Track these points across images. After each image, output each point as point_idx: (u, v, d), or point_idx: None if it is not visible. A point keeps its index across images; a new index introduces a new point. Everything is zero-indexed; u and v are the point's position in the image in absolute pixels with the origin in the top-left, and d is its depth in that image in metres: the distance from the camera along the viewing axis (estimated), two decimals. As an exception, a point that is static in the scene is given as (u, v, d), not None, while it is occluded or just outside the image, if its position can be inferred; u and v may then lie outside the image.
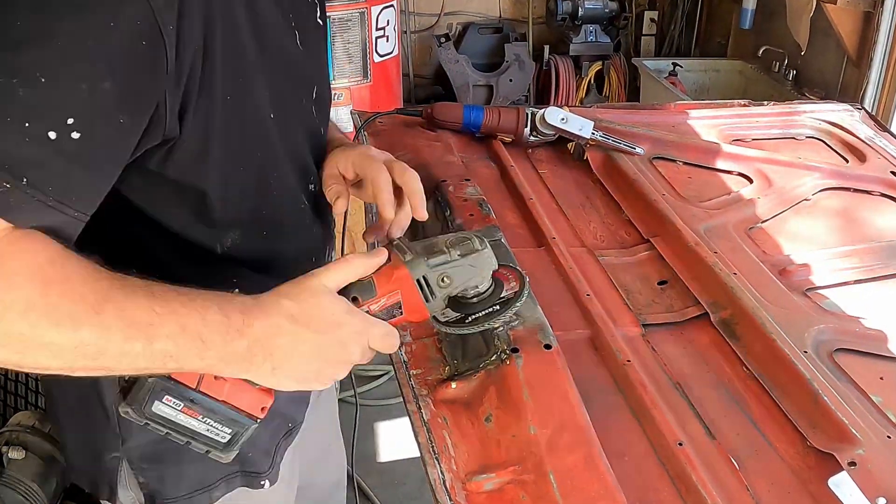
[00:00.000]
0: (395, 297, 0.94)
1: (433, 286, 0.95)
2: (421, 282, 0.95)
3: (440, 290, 0.96)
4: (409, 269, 0.95)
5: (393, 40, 3.62)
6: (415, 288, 0.95)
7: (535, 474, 0.94)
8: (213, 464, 1.06)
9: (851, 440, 1.02)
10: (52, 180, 0.74)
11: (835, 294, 1.36)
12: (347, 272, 0.93)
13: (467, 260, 0.96)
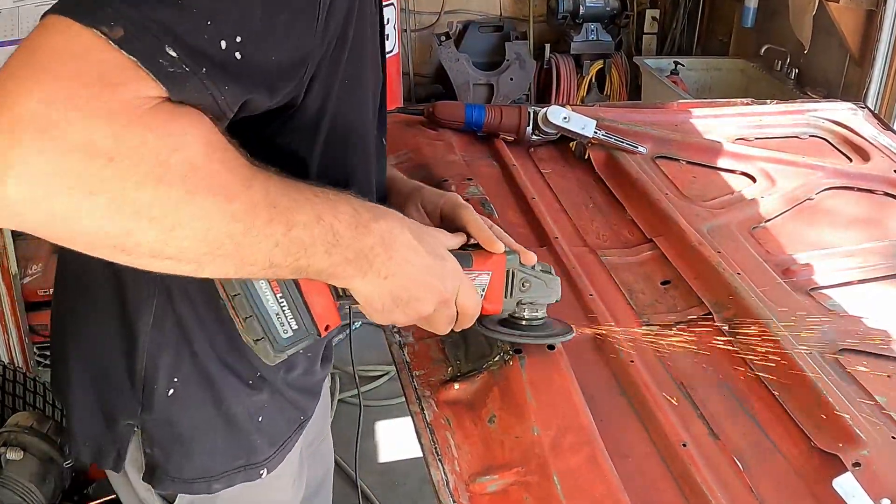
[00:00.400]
0: (484, 277, 0.99)
1: (515, 284, 1.02)
2: (509, 274, 1.01)
3: (518, 293, 1.02)
4: (507, 257, 1.00)
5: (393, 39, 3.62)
6: (503, 277, 1.00)
7: (538, 475, 0.94)
8: (221, 456, 1.08)
9: (856, 441, 1.02)
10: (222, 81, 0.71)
11: (839, 294, 1.36)
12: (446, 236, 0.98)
13: (546, 278, 1.04)
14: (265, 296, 0.85)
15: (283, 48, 0.77)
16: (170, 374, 1.02)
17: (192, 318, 0.99)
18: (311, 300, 0.87)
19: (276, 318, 0.86)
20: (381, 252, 0.84)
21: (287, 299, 0.86)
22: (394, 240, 0.85)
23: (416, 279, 0.88)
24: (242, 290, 0.84)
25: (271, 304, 0.85)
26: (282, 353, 0.88)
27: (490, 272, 0.99)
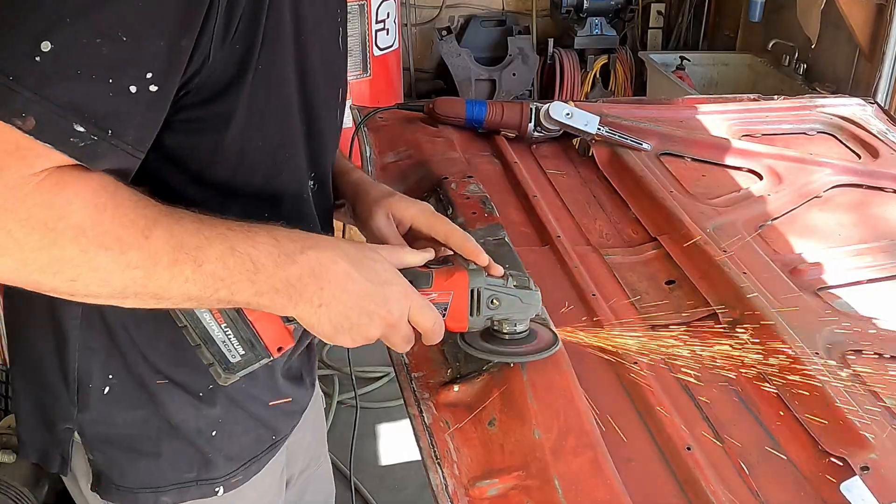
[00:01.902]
0: (445, 297, 0.98)
1: (482, 303, 0.99)
2: (474, 293, 0.99)
3: (487, 310, 1.00)
4: (469, 276, 0.99)
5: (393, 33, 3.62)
6: (467, 295, 0.99)
7: (539, 480, 0.93)
8: (168, 466, 1.08)
9: (864, 444, 1.02)
10: (132, 130, 0.79)
11: (847, 294, 1.36)
12: (403, 255, 0.98)
13: (520, 293, 1.01)
14: (209, 325, 0.90)
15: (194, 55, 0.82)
16: (103, 373, 1.03)
17: (122, 330, 1.01)
18: (258, 326, 0.92)
19: (224, 345, 0.91)
20: (311, 282, 0.87)
21: (232, 327, 0.91)
22: (325, 270, 0.88)
23: (355, 307, 0.90)
24: (187, 321, 0.90)
25: (216, 332, 0.91)
26: (233, 375, 0.93)
27: (451, 291, 0.98)
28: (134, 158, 0.81)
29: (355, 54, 3.45)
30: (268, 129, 0.97)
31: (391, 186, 1.55)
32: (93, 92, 0.75)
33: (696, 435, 1.06)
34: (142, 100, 0.78)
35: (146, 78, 0.77)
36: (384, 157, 1.68)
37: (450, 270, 0.99)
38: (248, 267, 0.84)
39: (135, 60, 0.76)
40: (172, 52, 0.79)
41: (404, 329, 0.95)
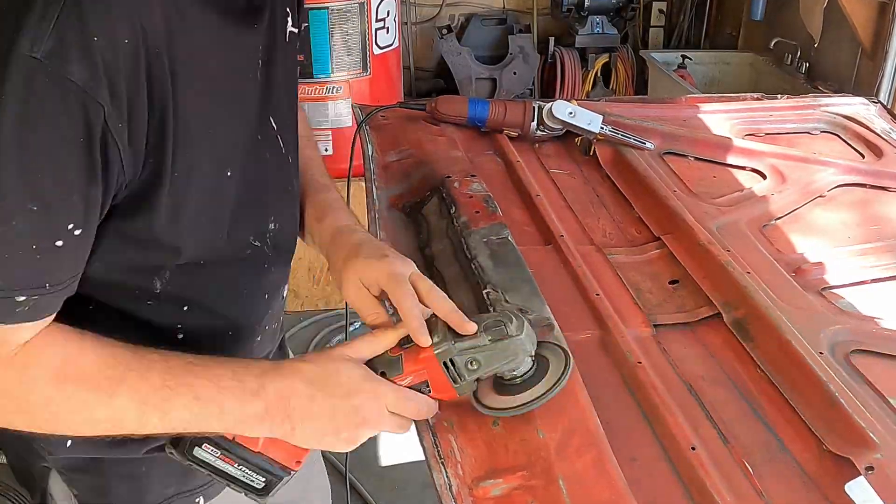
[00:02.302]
0: (421, 377, 0.98)
1: (461, 369, 0.97)
2: (448, 364, 0.97)
3: (469, 374, 0.97)
4: (436, 351, 0.97)
5: (393, 32, 3.62)
6: (441, 370, 0.97)
7: (543, 480, 0.94)
8: (145, 485, 1.14)
9: (869, 444, 1.02)
10: (66, 272, 0.87)
11: (851, 293, 1.36)
12: (373, 345, 1.00)
13: (499, 346, 0.96)
14: (225, 468, 0.98)
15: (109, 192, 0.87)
16: None
17: None
18: (267, 453, 0.98)
19: (245, 478, 0.99)
20: (277, 412, 0.93)
21: (243, 464, 0.98)
22: (286, 400, 0.93)
23: (326, 424, 0.95)
24: (207, 471, 0.98)
25: (233, 471, 0.98)
26: (267, 495, 1.01)
27: (424, 369, 0.98)
28: (73, 285, 0.89)
29: (355, 53, 3.46)
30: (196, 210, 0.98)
31: (393, 186, 1.57)
32: (22, 265, 0.82)
33: (701, 435, 1.06)
34: (69, 246, 0.84)
35: (68, 229, 0.83)
36: (386, 155, 1.68)
37: (417, 349, 0.98)
38: (213, 411, 0.91)
39: (52, 222, 0.82)
40: (87, 200, 0.84)
41: (389, 424, 0.97)
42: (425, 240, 1.43)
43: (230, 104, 1.00)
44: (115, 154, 0.84)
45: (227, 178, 1.01)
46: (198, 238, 1.00)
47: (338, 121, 3.48)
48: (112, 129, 0.82)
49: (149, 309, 1.03)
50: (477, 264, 1.27)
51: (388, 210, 1.52)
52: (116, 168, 0.85)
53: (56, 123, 0.79)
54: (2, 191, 0.78)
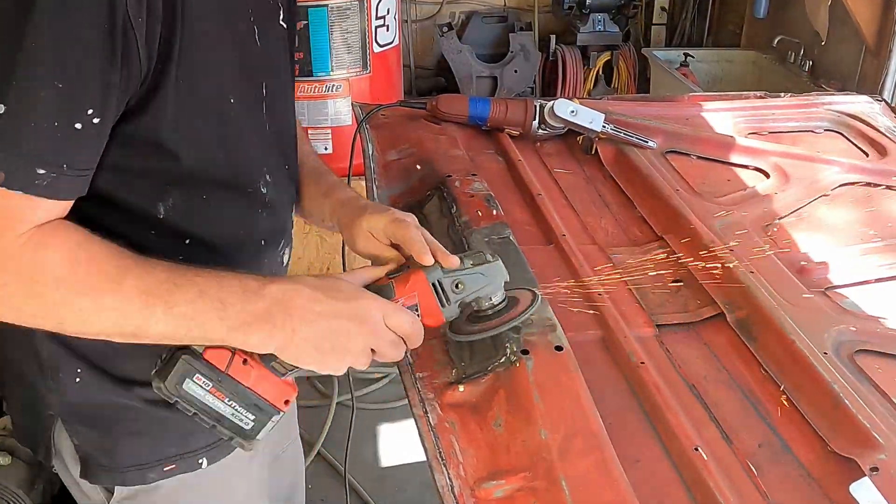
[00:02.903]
0: (412, 300, 1.04)
1: (447, 291, 1.05)
2: (436, 285, 1.04)
3: (454, 296, 1.05)
4: (426, 273, 1.04)
5: (393, 30, 3.61)
6: (430, 291, 1.04)
7: (546, 481, 0.94)
8: (149, 442, 1.16)
9: (873, 445, 1.02)
10: (84, 158, 0.92)
11: (855, 293, 1.36)
12: (367, 272, 1.07)
13: (479, 269, 1.06)
14: (214, 405, 0.99)
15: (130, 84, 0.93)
16: (71, 367, 1.11)
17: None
18: (258, 389, 1.00)
19: (234, 417, 1.00)
20: (279, 311, 0.95)
21: (235, 399, 0.99)
22: (290, 298, 0.96)
23: (329, 325, 0.97)
24: (195, 408, 0.99)
25: (223, 408, 0.99)
26: (253, 440, 1.03)
27: (415, 292, 1.04)
28: (87, 179, 0.94)
29: (355, 51, 3.45)
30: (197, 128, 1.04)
31: (394, 185, 1.57)
32: (44, 139, 0.87)
33: (704, 435, 1.06)
34: (88, 132, 0.90)
35: (88, 114, 0.89)
36: (386, 154, 1.68)
37: (407, 275, 1.05)
38: (216, 306, 0.93)
39: (75, 102, 0.88)
40: (107, 88, 0.89)
41: (386, 334, 1.00)
42: (426, 239, 1.42)
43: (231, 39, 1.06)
44: (133, 46, 0.89)
45: (230, 103, 1.07)
46: (198, 150, 1.05)
47: (337, 119, 3.48)
48: (132, 20, 0.88)
49: (152, 239, 1.05)
50: (478, 264, 1.26)
51: (389, 209, 1.52)
52: (135, 60, 0.90)
53: (85, 6, 0.85)
54: (35, 59, 0.84)
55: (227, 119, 1.08)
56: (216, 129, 1.07)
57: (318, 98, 3.45)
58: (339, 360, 0.99)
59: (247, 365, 0.99)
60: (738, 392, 1.16)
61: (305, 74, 3.40)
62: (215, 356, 0.97)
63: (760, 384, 1.17)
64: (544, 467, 0.95)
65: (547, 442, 0.97)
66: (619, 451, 0.98)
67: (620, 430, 1.04)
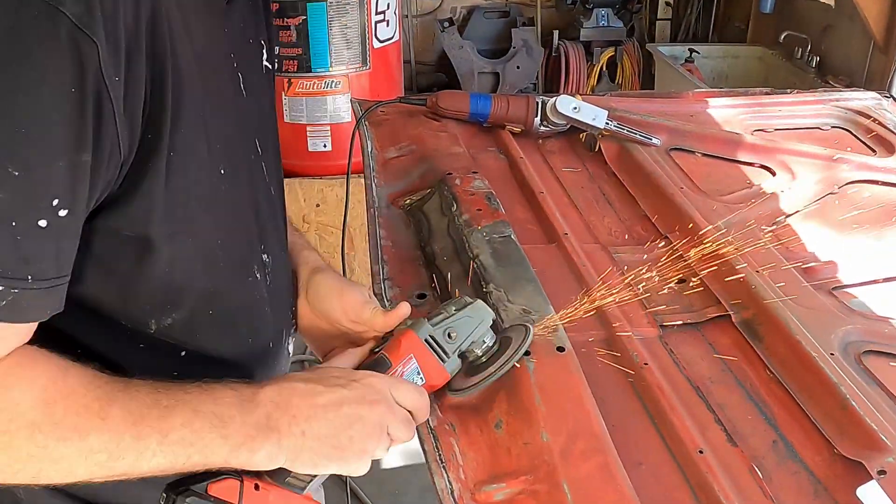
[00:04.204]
0: (411, 364, 0.99)
1: (442, 343, 1.01)
2: (430, 340, 1.01)
3: (450, 346, 1.01)
4: (415, 330, 1.00)
5: (393, 25, 3.61)
6: (426, 349, 1.00)
7: (547, 484, 0.93)
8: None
9: (881, 447, 1.01)
10: (52, 263, 0.76)
11: (863, 293, 1.36)
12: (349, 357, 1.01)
13: (465, 312, 1.03)
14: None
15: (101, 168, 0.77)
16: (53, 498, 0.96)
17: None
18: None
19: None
20: (281, 415, 0.86)
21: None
22: (287, 398, 0.87)
23: (339, 415, 0.89)
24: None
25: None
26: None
27: (411, 354, 0.99)
28: (61, 291, 0.78)
29: (354, 46, 3.45)
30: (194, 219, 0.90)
31: (393, 183, 1.57)
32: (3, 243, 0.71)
33: (709, 438, 1.06)
34: (53, 230, 0.74)
35: (53, 206, 0.73)
36: (386, 151, 1.68)
37: (397, 339, 1.01)
38: (215, 424, 0.83)
39: (35, 192, 0.72)
40: (74, 171, 0.73)
41: (399, 411, 0.95)
42: (426, 238, 1.42)
43: (217, 94, 0.93)
44: (110, 114, 0.74)
45: (221, 175, 0.93)
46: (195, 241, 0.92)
47: (337, 116, 3.48)
48: (107, 81, 0.72)
49: (142, 355, 0.93)
50: (479, 263, 1.26)
51: (388, 208, 1.52)
52: (111, 133, 0.75)
53: (43, 65, 0.69)
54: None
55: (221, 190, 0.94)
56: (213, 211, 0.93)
57: (317, 94, 3.45)
58: (361, 452, 0.91)
59: (260, 490, 0.88)
60: (743, 394, 1.15)
61: (304, 70, 3.40)
62: (223, 490, 0.86)
63: (766, 386, 1.16)
64: (546, 470, 0.95)
65: (548, 444, 0.97)
66: (622, 453, 0.97)
67: (623, 432, 1.03)
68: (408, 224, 1.49)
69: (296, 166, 3.46)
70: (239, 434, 0.84)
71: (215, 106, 0.92)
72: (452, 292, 1.25)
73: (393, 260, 1.37)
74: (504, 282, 1.22)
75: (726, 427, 1.09)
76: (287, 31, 3.33)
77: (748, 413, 1.12)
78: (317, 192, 3.52)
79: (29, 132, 0.70)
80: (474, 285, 1.25)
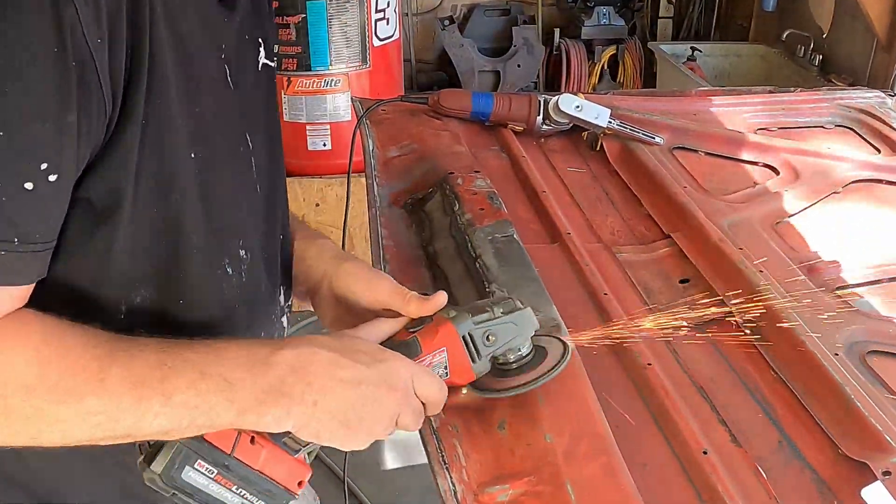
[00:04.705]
0: (440, 356, 0.95)
1: (479, 344, 0.96)
2: (467, 339, 0.96)
3: (485, 349, 0.96)
4: (455, 324, 0.95)
5: (393, 23, 3.61)
6: (461, 345, 0.95)
7: (551, 485, 0.93)
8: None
9: (886, 448, 1.01)
10: (39, 229, 0.75)
11: (867, 293, 1.36)
12: (381, 325, 0.96)
13: (511, 318, 0.97)
14: (222, 495, 0.86)
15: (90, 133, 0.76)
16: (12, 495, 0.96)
17: None
18: (269, 471, 0.88)
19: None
20: (296, 381, 0.83)
21: (243, 486, 0.87)
22: (307, 363, 0.84)
23: (354, 393, 0.86)
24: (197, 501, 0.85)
25: (232, 498, 0.87)
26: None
27: (444, 347, 0.95)
28: (46, 255, 0.77)
29: (354, 45, 3.46)
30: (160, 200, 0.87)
31: (395, 182, 1.57)
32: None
33: (713, 438, 1.06)
34: (41, 194, 0.73)
35: (41, 170, 0.72)
36: (387, 151, 1.68)
37: (434, 328, 0.95)
38: (222, 387, 0.80)
39: (23, 155, 0.71)
40: (62, 134, 0.72)
41: (414, 401, 0.92)
42: (428, 238, 1.42)
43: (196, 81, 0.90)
44: (93, 74, 0.73)
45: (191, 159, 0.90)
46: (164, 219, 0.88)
47: (336, 115, 3.48)
48: (90, 42, 0.71)
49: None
50: (481, 263, 1.26)
51: (390, 207, 1.52)
52: (96, 92, 0.74)
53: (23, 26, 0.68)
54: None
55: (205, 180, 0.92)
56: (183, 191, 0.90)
57: (317, 93, 3.46)
58: (367, 434, 0.88)
59: (255, 444, 0.87)
60: (747, 394, 1.15)
61: (304, 69, 3.40)
62: (219, 437, 0.85)
63: (770, 386, 1.16)
64: (549, 471, 0.94)
65: (552, 445, 0.97)
66: (626, 454, 0.97)
67: (627, 433, 1.03)
68: (409, 224, 1.49)
69: (295, 165, 3.46)
70: (248, 398, 0.81)
71: (193, 91, 0.89)
72: (455, 292, 1.25)
73: (394, 260, 1.37)
74: (507, 282, 1.22)
75: (730, 428, 1.09)
76: (286, 29, 3.33)
77: (752, 414, 1.12)
78: (316, 191, 3.52)
79: (10, 93, 0.69)
80: (477, 285, 1.25)
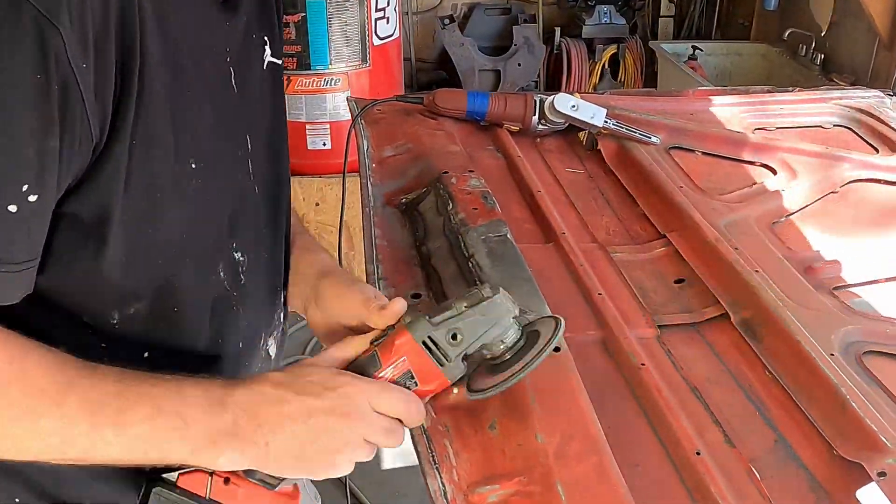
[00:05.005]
0: (402, 367, 0.91)
1: (443, 346, 0.91)
2: (427, 343, 0.91)
3: (453, 349, 0.90)
4: (411, 330, 0.91)
5: (393, 22, 3.62)
6: (422, 351, 0.91)
7: (542, 485, 0.93)
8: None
9: (881, 449, 1.01)
10: (21, 250, 0.77)
11: (864, 293, 1.36)
12: (342, 350, 0.96)
13: (476, 310, 0.90)
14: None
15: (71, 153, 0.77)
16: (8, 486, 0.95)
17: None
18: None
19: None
20: (247, 423, 0.84)
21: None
22: (256, 405, 0.85)
23: (305, 427, 0.86)
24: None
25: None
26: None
27: (404, 357, 0.91)
28: (30, 274, 0.79)
29: (354, 44, 3.46)
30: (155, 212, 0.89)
31: (389, 182, 1.57)
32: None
33: (706, 439, 1.05)
34: (24, 215, 0.75)
35: (23, 191, 0.74)
36: (382, 150, 1.68)
37: (391, 338, 0.92)
38: (177, 425, 0.82)
39: (4, 178, 0.73)
40: (43, 156, 0.74)
41: (378, 421, 0.90)
42: (421, 237, 1.42)
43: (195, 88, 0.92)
44: (77, 100, 0.74)
45: (192, 169, 0.91)
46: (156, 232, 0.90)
47: (336, 114, 3.49)
48: (74, 67, 0.73)
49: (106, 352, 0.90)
50: (474, 263, 1.26)
51: (384, 206, 1.52)
52: (79, 119, 0.75)
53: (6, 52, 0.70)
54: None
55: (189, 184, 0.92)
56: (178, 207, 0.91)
57: (317, 92, 3.46)
58: (329, 464, 0.88)
59: (230, 484, 0.87)
60: (741, 394, 1.15)
61: (303, 68, 3.41)
62: (192, 482, 0.86)
63: (765, 386, 1.16)
64: (540, 471, 0.94)
65: (543, 445, 0.96)
66: (619, 455, 0.97)
67: (620, 433, 1.03)
68: (403, 223, 1.49)
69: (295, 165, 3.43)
70: (202, 438, 0.83)
71: (192, 99, 0.90)
72: (448, 292, 1.25)
73: (388, 259, 1.37)
74: (500, 281, 1.21)
75: (724, 428, 1.09)
76: (286, 28, 3.34)
77: (746, 414, 1.12)
78: (316, 190, 3.52)
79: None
80: (469, 285, 1.25)
